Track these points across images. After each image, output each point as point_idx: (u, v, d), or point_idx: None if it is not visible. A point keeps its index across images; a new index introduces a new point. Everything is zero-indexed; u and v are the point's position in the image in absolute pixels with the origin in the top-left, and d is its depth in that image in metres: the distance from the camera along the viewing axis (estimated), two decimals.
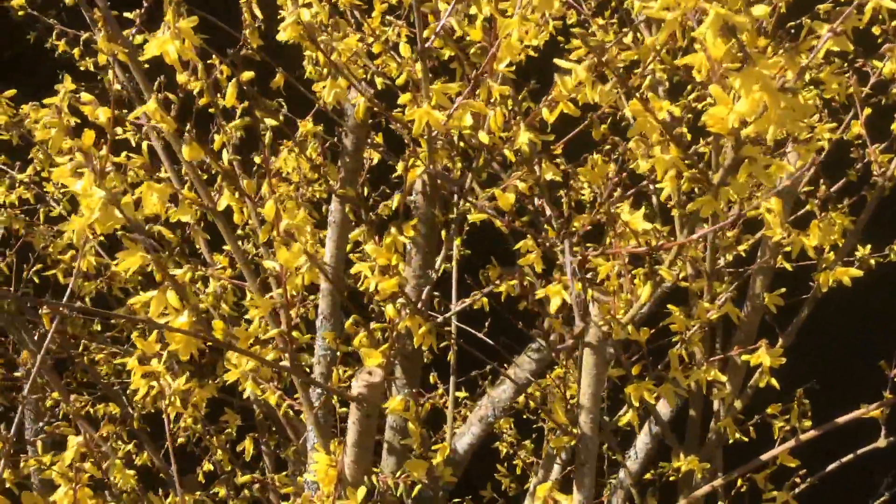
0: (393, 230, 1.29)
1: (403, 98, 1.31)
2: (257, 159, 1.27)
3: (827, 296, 1.73)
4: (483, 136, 1.44)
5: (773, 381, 1.67)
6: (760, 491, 1.59)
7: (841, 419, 1.40)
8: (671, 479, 1.80)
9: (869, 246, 2.03)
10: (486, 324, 2.06)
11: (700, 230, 1.14)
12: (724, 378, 1.49)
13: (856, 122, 1.67)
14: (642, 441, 1.87)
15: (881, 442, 1.40)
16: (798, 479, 1.49)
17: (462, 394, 2.39)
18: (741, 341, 1.78)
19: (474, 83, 1.35)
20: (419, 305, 1.51)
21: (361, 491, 1.30)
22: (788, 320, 1.79)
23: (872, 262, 1.72)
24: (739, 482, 1.61)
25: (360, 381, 1.38)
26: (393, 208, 1.27)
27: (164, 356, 1.43)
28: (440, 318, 1.76)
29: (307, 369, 1.75)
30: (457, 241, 1.83)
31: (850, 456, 1.51)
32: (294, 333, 1.24)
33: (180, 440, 2.23)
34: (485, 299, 1.65)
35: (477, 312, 1.82)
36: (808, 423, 1.61)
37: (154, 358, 1.45)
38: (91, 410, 2.42)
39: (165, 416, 1.56)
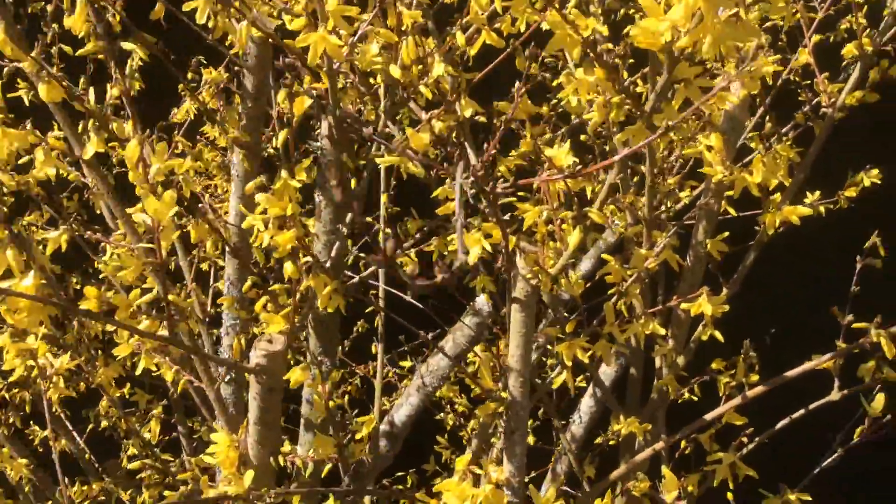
0: (283, 174, 1.13)
1: (297, 23, 1.15)
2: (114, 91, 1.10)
3: (775, 241, 1.62)
4: (394, 70, 1.28)
5: (717, 334, 1.57)
6: (706, 453, 1.49)
7: (790, 373, 1.30)
8: (612, 443, 1.69)
9: (818, 192, 1.94)
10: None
11: (622, 151, 1.01)
12: (662, 331, 1.37)
13: (803, 50, 1.56)
14: (586, 404, 1.76)
15: (834, 395, 1.31)
16: (745, 439, 1.38)
17: (408, 363, 2.26)
18: (684, 292, 1.67)
19: (380, 5, 1.20)
20: (328, 263, 1.37)
21: (249, 475, 1.16)
22: (735, 269, 1.69)
23: (822, 208, 1.62)
24: (683, 444, 1.50)
25: (258, 350, 1.23)
26: (277, 146, 1.11)
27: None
28: (356, 278, 1.62)
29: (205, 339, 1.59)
30: (383, 198, 1.68)
31: (801, 412, 1.41)
32: (172, 298, 1.08)
33: (104, 423, 2.07)
34: (410, 258, 1.51)
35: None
36: (755, 378, 1.50)
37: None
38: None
39: (45, 400, 1.39)
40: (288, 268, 1.18)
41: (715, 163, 1.47)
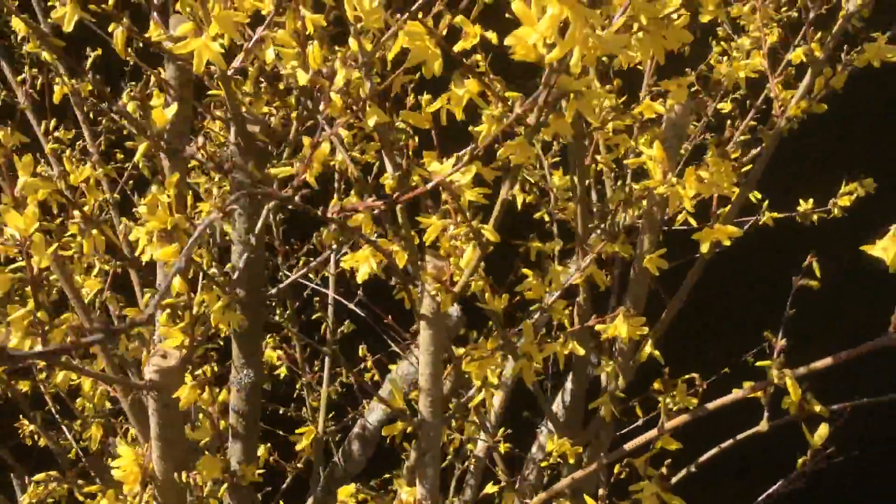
0: (153, 188, 1.10)
1: (184, 28, 1.12)
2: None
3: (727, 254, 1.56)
4: (301, 76, 1.24)
5: (657, 354, 1.51)
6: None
7: (713, 404, 1.23)
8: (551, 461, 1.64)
9: (811, 201, 1.86)
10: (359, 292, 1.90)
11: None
12: (581, 351, 1.31)
13: (757, 52, 1.49)
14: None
15: (763, 426, 1.24)
16: (665, 470, 1.32)
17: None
18: (629, 307, 1.61)
19: (277, 7, 1.16)
20: (235, 276, 1.33)
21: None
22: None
23: (768, 218, 1.55)
24: (617, 468, 1.45)
25: (151, 365, 1.21)
26: (137, 161, 1.08)
27: None
28: (273, 291, 1.59)
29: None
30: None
31: (730, 442, 1.35)
32: (41, 315, 1.05)
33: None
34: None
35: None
36: (693, 402, 1.45)
37: None
38: None
39: None
40: (175, 283, 1.15)
41: (654, 174, 1.41)
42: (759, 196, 1.71)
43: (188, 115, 1.54)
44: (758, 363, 1.12)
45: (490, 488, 2.09)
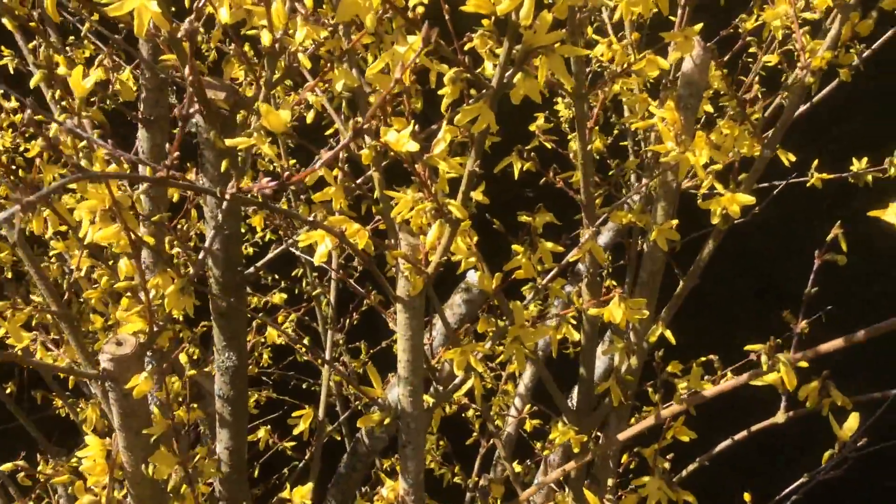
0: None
1: None
2: None
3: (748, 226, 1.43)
4: (265, 37, 1.16)
5: (669, 335, 1.40)
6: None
7: (708, 392, 1.12)
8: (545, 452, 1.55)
9: (865, 160, 1.71)
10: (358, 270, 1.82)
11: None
12: (576, 336, 1.21)
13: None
14: (517, 404, 1.62)
15: (779, 417, 1.13)
16: (666, 464, 1.22)
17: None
18: (644, 282, 1.50)
19: None
20: (210, 256, 1.26)
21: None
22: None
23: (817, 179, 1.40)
24: (625, 458, 1.35)
25: (104, 354, 1.15)
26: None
27: None
28: (250, 270, 1.51)
29: None
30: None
31: (744, 433, 1.24)
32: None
33: None
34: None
35: None
36: (708, 387, 1.33)
37: None
38: None
39: None
40: (122, 265, 1.08)
41: (665, 138, 1.29)
42: (793, 158, 1.56)
43: (160, 84, 1.47)
44: (746, 347, 1.00)
45: (516, 467, 2.02)
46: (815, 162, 1.93)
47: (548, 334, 1.20)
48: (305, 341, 2.13)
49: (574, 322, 1.28)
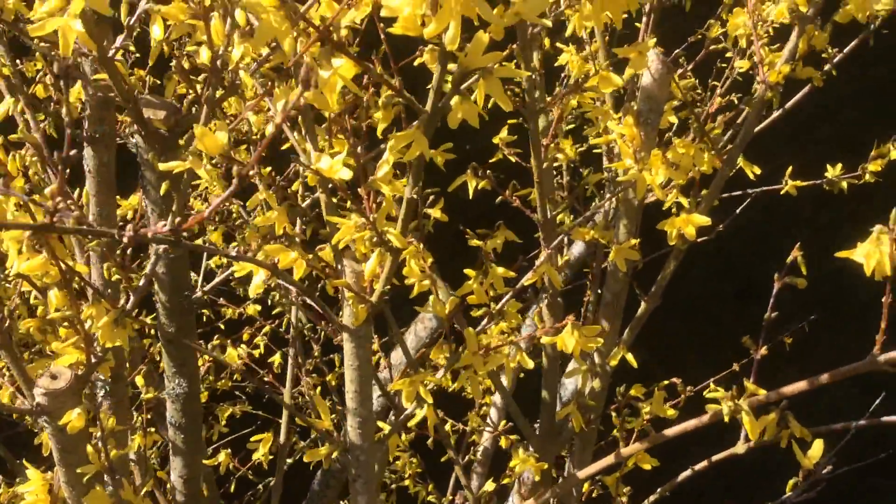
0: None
1: (48, 5, 0.99)
2: None
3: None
4: (204, 53, 1.12)
5: (630, 358, 1.37)
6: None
7: (670, 431, 1.09)
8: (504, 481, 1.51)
9: (839, 166, 1.68)
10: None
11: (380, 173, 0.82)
12: (530, 364, 1.18)
13: (740, 10, 1.31)
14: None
15: (739, 448, 1.09)
16: (625, 497, 1.18)
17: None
18: (608, 303, 1.46)
19: None
20: (156, 280, 1.22)
21: None
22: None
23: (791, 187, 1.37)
24: (586, 487, 1.32)
25: (39, 388, 1.11)
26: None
27: None
28: (201, 294, 1.47)
29: None
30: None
31: (704, 463, 1.20)
32: None
33: None
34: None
35: None
36: (671, 413, 1.30)
37: None
38: None
39: None
40: (52, 297, 1.04)
41: (625, 155, 1.26)
42: (758, 171, 1.53)
43: (104, 102, 1.43)
44: (707, 394, 0.97)
45: (489, 486, 1.98)
46: (789, 169, 1.91)
47: (501, 362, 1.16)
48: (278, 356, 2.10)
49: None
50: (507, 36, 0.87)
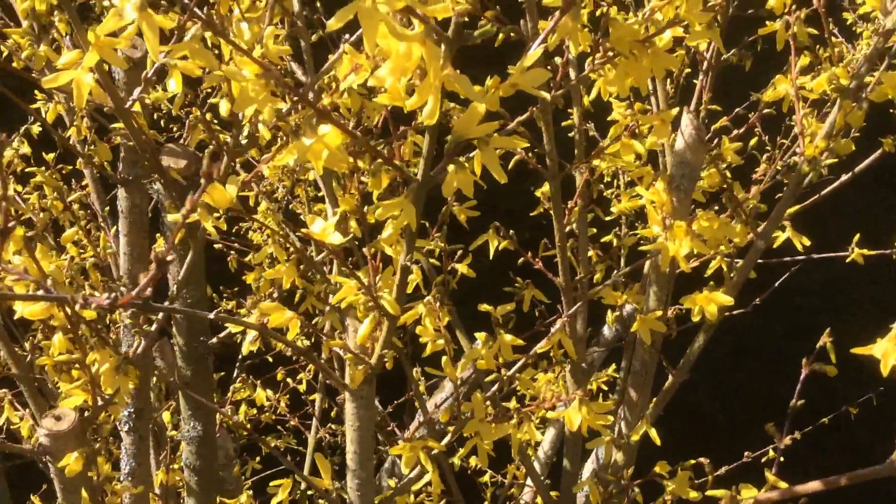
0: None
1: (67, 58, 1.01)
2: None
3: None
4: (223, 106, 1.13)
5: (653, 434, 1.31)
6: None
7: None
8: None
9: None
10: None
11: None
12: (539, 437, 1.13)
13: (782, 77, 1.25)
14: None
15: None
16: None
17: None
18: (636, 372, 1.41)
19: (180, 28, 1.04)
20: (155, 328, 1.22)
21: None
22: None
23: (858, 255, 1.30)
24: None
25: (42, 428, 1.12)
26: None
27: None
28: (214, 340, 1.47)
29: None
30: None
31: None
32: None
33: None
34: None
35: None
36: (694, 496, 1.24)
37: None
38: None
39: None
40: (56, 341, 1.06)
41: (653, 222, 1.22)
42: (807, 242, 1.46)
43: (142, 144, 1.45)
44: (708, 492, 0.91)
45: None
46: (857, 237, 1.82)
47: (507, 432, 1.12)
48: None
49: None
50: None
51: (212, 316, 0.84)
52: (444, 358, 1.25)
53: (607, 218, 1.91)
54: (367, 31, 0.66)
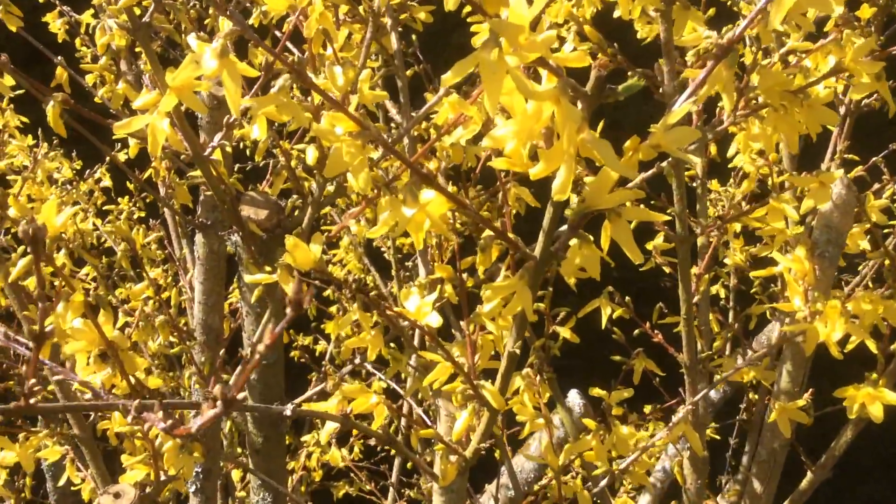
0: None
1: (144, 101, 0.93)
2: None
3: None
4: (311, 153, 1.04)
5: None
6: None
7: None
8: None
9: None
10: None
11: None
12: None
13: None
14: None
15: None
16: None
17: None
18: (763, 461, 1.25)
19: (267, 70, 0.95)
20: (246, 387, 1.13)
21: None
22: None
23: None
24: None
25: None
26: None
27: None
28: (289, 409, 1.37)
29: None
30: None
31: None
32: None
33: None
34: None
35: None
36: None
37: None
38: None
39: None
40: (116, 415, 0.97)
41: (794, 294, 1.07)
42: None
43: (220, 193, 1.38)
44: None
45: None
46: None
47: None
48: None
49: None
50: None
51: (288, 412, 0.73)
52: (544, 442, 1.12)
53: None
54: (489, 87, 0.54)
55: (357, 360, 1.27)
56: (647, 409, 1.61)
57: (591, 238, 0.72)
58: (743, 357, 1.30)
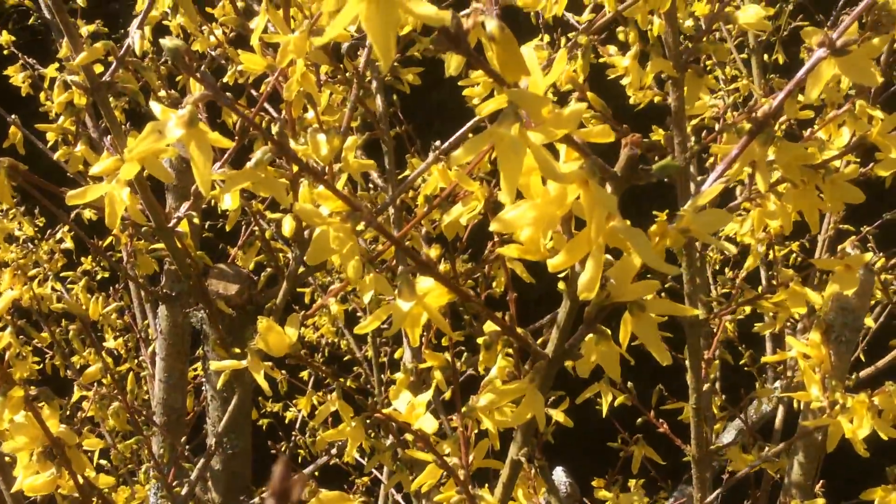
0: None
1: (102, 166, 0.84)
2: None
3: None
4: (287, 224, 0.95)
5: None
6: None
7: None
8: None
9: None
10: None
11: None
12: None
13: None
14: None
15: None
16: None
17: None
18: None
19: (241, 136, 0.87)
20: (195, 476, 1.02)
21: None
22: None
23: None
24: None
25: None
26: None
27: None
28: (255, 501, 1.26)
29: None
30: None
31: None
32: None
33: None
34: None
35: None
36: None
37: None
38: None
39: None
40: None
41: (810, 382, 0.99)
42: None
43: (185, 268, 1.28)
44: None
45: None
46: None
47: None
48: None
49: None
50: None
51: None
52: None
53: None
54: (507, 167, 0.46)
55: (333, 452, 1.17)
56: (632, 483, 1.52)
57: (610, 333, 0.64)
58: (746, 445, 1.21)
